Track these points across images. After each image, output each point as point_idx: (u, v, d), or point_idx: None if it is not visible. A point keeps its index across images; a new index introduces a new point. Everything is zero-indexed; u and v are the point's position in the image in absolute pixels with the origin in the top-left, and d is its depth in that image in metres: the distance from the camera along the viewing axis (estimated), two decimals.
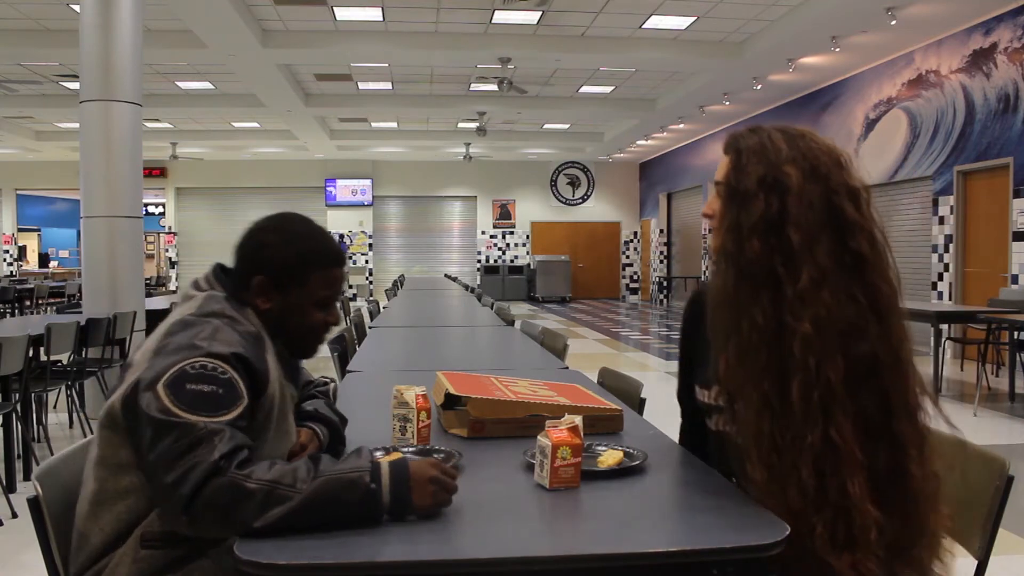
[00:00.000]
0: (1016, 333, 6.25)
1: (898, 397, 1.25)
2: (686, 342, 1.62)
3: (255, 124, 15.14)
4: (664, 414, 2.10)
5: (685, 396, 1.65)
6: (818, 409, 1.21)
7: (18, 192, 19.04)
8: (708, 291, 1.39)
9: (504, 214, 19.86)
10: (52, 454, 1.72)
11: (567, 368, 3.01)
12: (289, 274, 1.47)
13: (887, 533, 1.22)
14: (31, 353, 4.16)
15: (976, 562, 1.46)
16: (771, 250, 1.25)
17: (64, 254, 20.83)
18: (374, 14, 8.95)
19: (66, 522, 1.43)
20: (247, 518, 1.19)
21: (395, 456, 1.56)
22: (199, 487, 1.20)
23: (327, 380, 1.83)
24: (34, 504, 1.37)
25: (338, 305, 1.56)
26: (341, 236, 19.33)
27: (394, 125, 15.75)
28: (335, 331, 3.57)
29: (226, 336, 1.36)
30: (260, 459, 1.30)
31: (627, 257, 20.35)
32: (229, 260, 1.55)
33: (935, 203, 8.81)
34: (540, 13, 8.86)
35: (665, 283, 18.23)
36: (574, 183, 19.93)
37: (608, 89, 12.54)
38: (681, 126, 14.73)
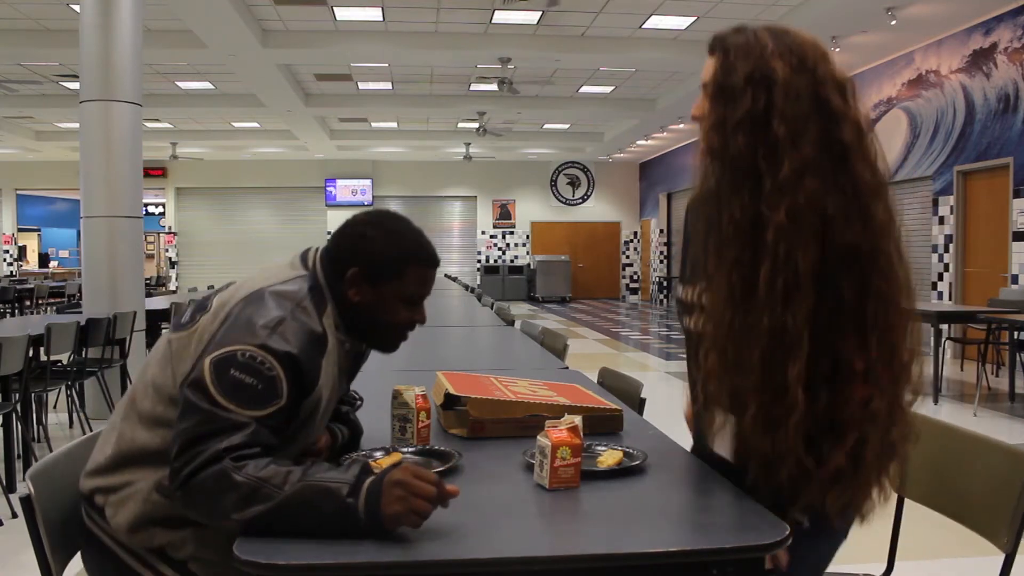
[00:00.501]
0: (1016, 333, 6.25)
1: (877, 284, 1.26)
2: (683, 248, 1.64)
3: (255, 124, 15.14)
4: (664, 414, 2.10)
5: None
6: (780, 295, 1.24)
7: (18, 192, 19.04)
8: (693, 191, 1.44)
9: (504, 214, 19.86)
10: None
11: (567, 368, 3.01)
12: (385, 268, 1.48)
13: (808, 424, 1.25)
14: (31, 353, 4.16)
15: (1004, 556, 1.47)
16: (755, 144, 1.27)
17: (64, 254, 20.83)
18: (374, 14, 8.95)
19: (59, 521, 1.43)
20: (227, 509, 1.22)
21: (395, 458, 1.56)
22: (197, 470, 1.24)
23: (358, 396, 1.83)
24: (27, 503, 1.37)
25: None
26: None
27: (394, 125, 15.75)
28: None
29: (288, 332, 1.36)
30: (290, 453, 1.36)
31: (627, 257, 20.35)
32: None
33: (935, 203, 8.82)
34: (540, 13, 8.86)
35: (665, 283, 18.23)
36: (574, 183, 19.93)
37: (608, 89, 12.54)
38: (681, 126, 14.72)
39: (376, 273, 1.47)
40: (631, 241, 20.24)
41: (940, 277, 8.80)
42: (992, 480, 1.55)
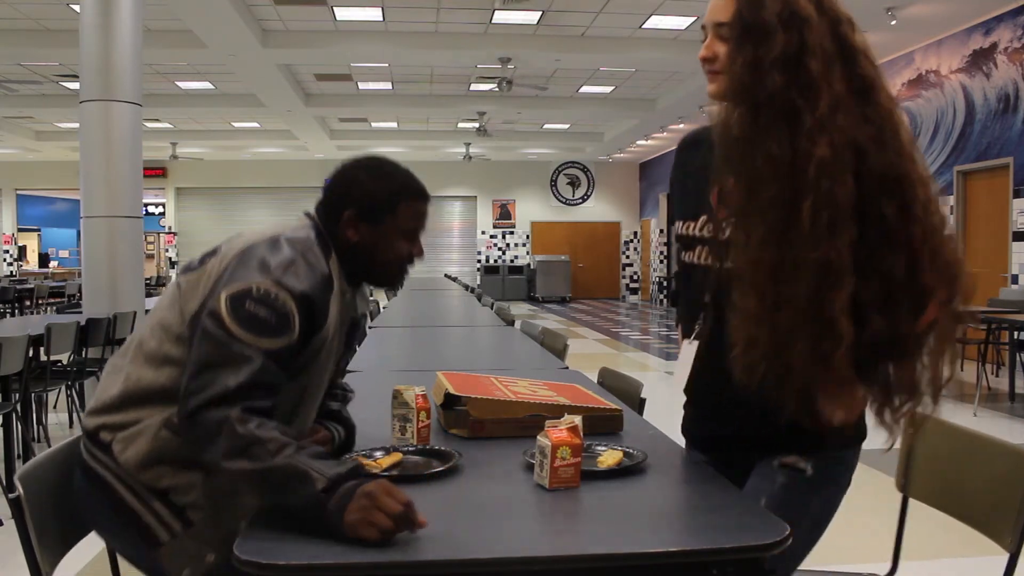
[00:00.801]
0: (1016, 333, 6.25)
1: (916, 211, 1.29)
2: (673, 185, 1.68)
3: (255, 124, 15.15)
4: (664, 414, 2.10)
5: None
6: (824, 229, 1.25)
7: (18, 192, 19.05)
8: (714, 131, 1.44)
9: (504, 214, 19.87)
10: None
11: (567, 368, 3.01)
12: (378, 206, 1.55)
13: (857, 352, 1.27)
14: (31, 353, 4.16)
15: (1008, 556, 1.48)
16: (790, 83, 1.28)
17: (64, 254, 20.82)
18: (374, 14, 8.95)
19: (49, 521, 1.44)
20: (219, 453, 1.27)
21: (395, 457, 1.56)
22: (203, 406, 1.29)
23: (349, 388, 1.84)
24: (16, 504, 1.37)
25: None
26: None
27: (394, 125, 15.76)
28: None
29: (300, 271, 1.42)
30: (298, 389, 1.45)
31: (627, 257, 20.35)
32: None
33: None
34: (540, 13, 8.86)
35: (665, 283, 18.23)
36: (574, 183, 19.93)
37: (608, 89, 12.54)
38: (681, 126, 14.72)
39: (371, 211, 1.54)
40: (631, 241, 20.25)
41: None
42: (996, 480, 1.56)
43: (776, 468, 1.43)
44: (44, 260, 20.02)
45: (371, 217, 1.54)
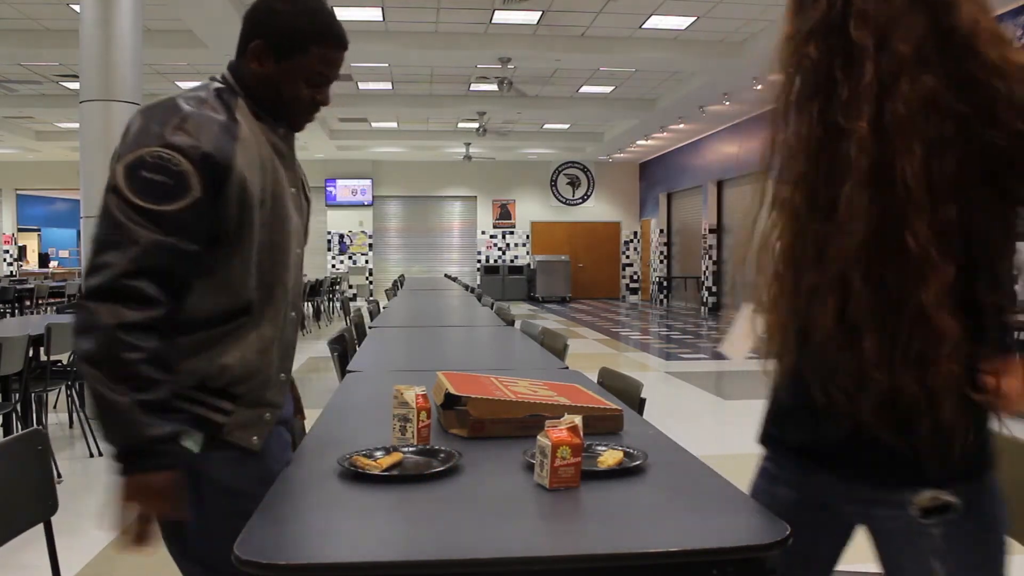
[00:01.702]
0: (1016, 333, 6.26)
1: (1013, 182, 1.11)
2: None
3: None
4: (664, 414, 2.10)
5: None
6: (888, 212, 1.10)
7: (18, 192, 19.05)
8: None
9: (504, 214, 19.87)
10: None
11: (567, 368, 3.01)
12: (289, 42, 1.49)
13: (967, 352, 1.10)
14: (31, 353, 4.16)
15: None
16: (829, 54, 1.16)
17: (64, 254, 20.81)
18: (374, 14, 8.95)
19: None
20: (84, 351, 1.30)
21: (395, 457, 1.56)
22: (91, 295, 1.32)
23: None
24: None
25: (330, 89, 1.59)
26: (341, 236, 19.34)
27: (394, 125, 15.76)
28: (335, 331, 3.57)
29: (190, 126, 1.39)
30: (259, 248, 1.46)
31: (627, 257, 20.35)
32: None
33: None
34: (540, 13, 8.86)
35: (665, 283, 18.23)
36: (574, 183, 19.93)
37: (608, 89, 12.54)
38: (681, 126, 14.73)
39: (280, 47, 1.50)
40: (631, 241, 20.25)
41: None
42: (1017, 478, 1.52)
43: (915, 517, 1.14)
44: (44, 260, 20.02)
45: (278, 52, 1.50)
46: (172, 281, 1.36)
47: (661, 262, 18.49)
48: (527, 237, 19.95)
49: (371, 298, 10.63)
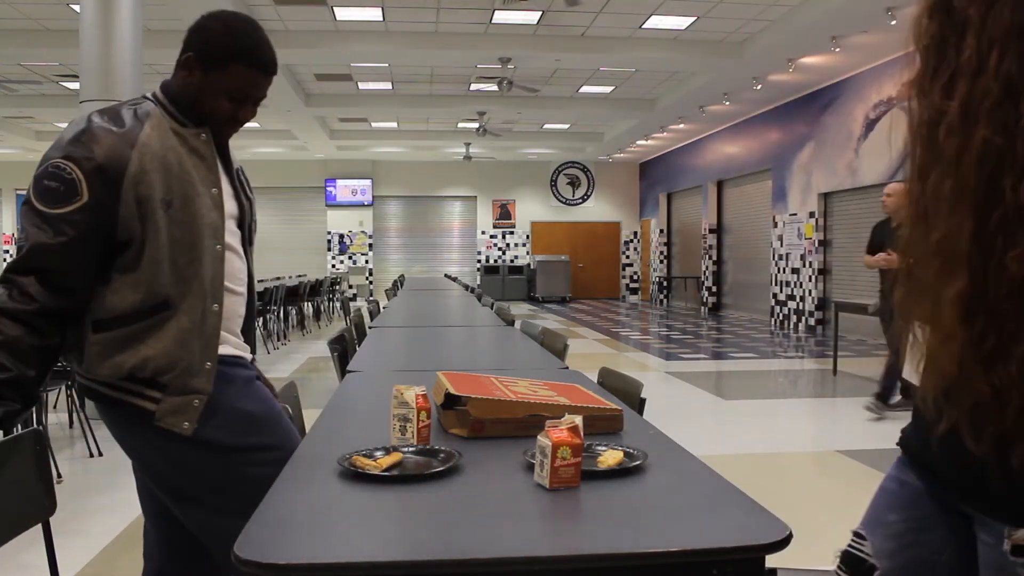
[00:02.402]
0: None
1: None
2: None
3: (255, 124, 15.14)
4: (664, 414, 2.10)
5: None
6: (947, 205, 1.01)
7: (18, 192, 19.06)
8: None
9: (504, 214, 19.87)
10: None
11: (567, 368, 3.01)
12: (214, 58, 1.64)
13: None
14: None
15: None
16: (945, 32, 1.06)
17: None
18: (374, 14, 8.95)
19: None
20: None
21: (395, 457, 1.56)
22: None
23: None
24: None
25: (254, 107, 1.74)
26: (341, 236, 19.34)
27: (394, 125, 15.76)
28: (335, 331, 3.56)
29: (87, 138, 1.56)
30: (170, 240, 1.60)
31: (627, 257, 20.35)
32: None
33: None
34: (540, 13, 8.86)
35: (665, 283, 18.23)
36: (574, 183, 19.94)
37: (608, 89, 12.54)
38: (681, 126, 14.73)
39: (206, 60, 1.65)
40: (631, 241, 20.25)
41: None
42: None
43: (1007, 552, 1.01)
44: None
45: (203, 66, 1.65)
46: (57, 280, 1.53)
47: (661, 262, 18.50)
48: (527, 237, 19.96)
49: (371, 298, 10.64)
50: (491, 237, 19.89)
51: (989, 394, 0.94)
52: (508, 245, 19.95)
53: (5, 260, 18.68)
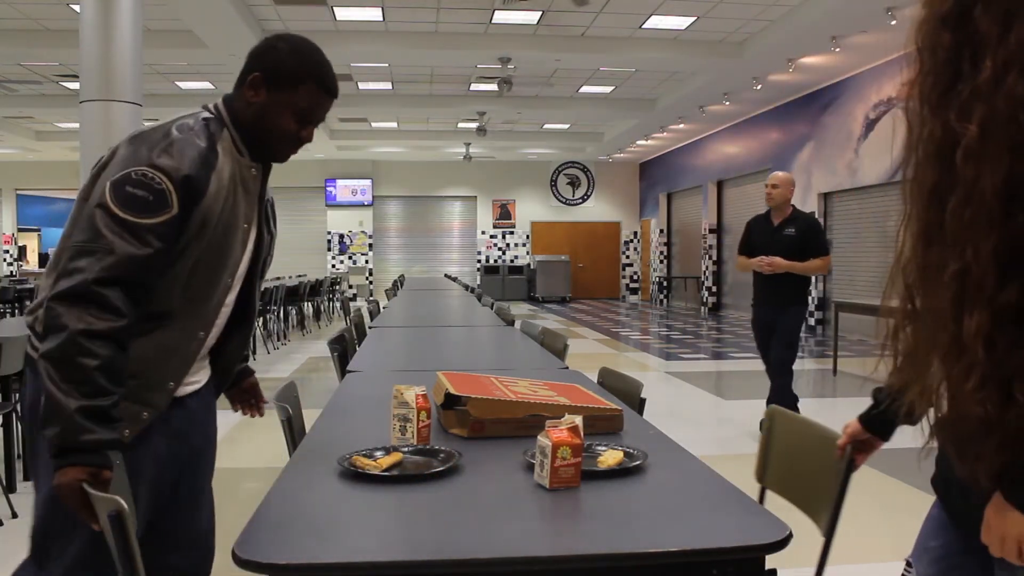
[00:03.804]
0: None
1: None
2: None
3: None
4: (664, 414, 2.10)
5: None
6: (967, 230, 0.97)
7: (18, 192, 19.05)
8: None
9: (504, 214, 19.87)
10: None
11: (567, 368, 3.01)
12: (283, 77, 1.62)
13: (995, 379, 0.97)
14: None
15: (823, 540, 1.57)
16: (959, 43, 1.02)
17: None
18: (374, 14, 8.95)
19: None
20: (50, 347, 1.37)
21: (395, 457, 1.56)
22: (61, 296, 1.39)
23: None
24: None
25: (315, 130, 1.71)
26: (341, 236, 19.33)
27: (394, 125, 15.76)
28: (335, 331, 3.56)
29: (174, 150, 1.52)
30: (192, 261, 1.56)
31: (627, 257, 20.35)
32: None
33: None
34: (540, 13, 8.86)
35: (665, 283, 18.23)
36: (574, 183, 19.93)
37: (608, 89, 12.54)
38: (681, 126, 14.73)
39: (274, 79, 1.62)
40: (631, 241, 20.25)
41: None
42: (818, 467, 1.66)
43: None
44: (44, 260, 20.01)
45: (272, 84, 1.62)
46: (138, 293, 1.46)
47: (661, 262, 18.49)
48: (527, 237, 19.95)
49: (371, 298, 10.63)
50: (491, 237, 19.89)
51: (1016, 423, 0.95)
52: (508, 245, 19.95)
53: (5, 260, 18.67)
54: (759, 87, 11.13)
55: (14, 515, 3.41)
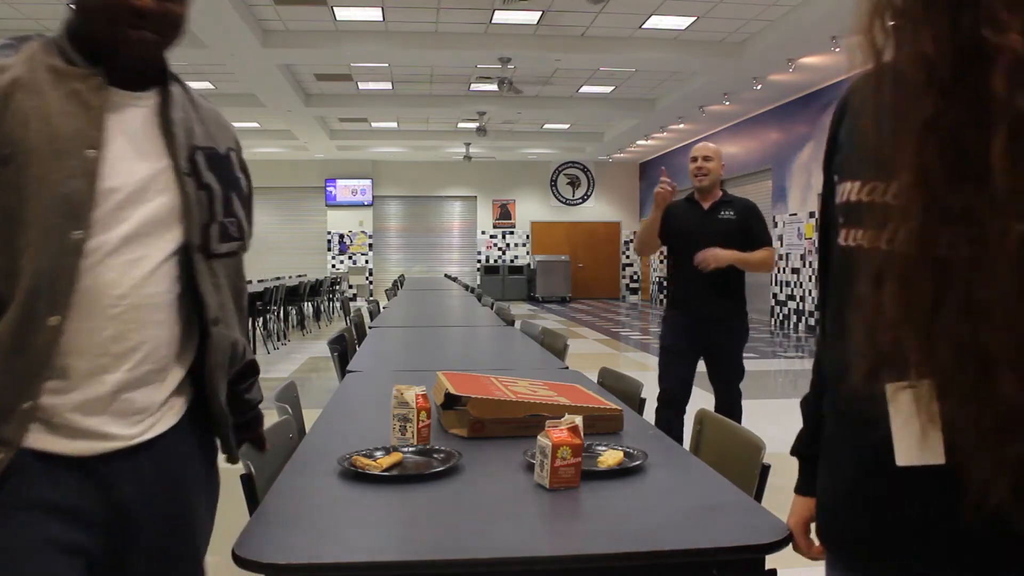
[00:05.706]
0: None
1: None
2: (829, 145, 1.09)
3: (255, 124, 15.14)
4: None
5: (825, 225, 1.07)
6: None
7: None
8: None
9: (504, 214, 19.87)
10: None
11: (567, 368, 3.01)
12: None
13: None
14: None
15: None
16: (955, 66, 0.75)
17: None
18: (374, 14, 8.95)
19: None
20: None
21: (395, 457, 1.56)
22: None
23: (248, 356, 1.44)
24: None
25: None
26: (341, 236, 19.34)
27: (394, 125, 15.76)
28: (335, 331, 3.55)
29: None
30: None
31: (627, 257, 20.35)
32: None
33: None
34: (540, 13, 8.86)
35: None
36: (574, 183, 19.94)
37: (608, 89, 12.54)
38: (681, 126, 14.73)
39: None
40: (631, 241, 20.25)
41: None
42: (738, 469, 1.66)
43: None
44: None
45: None
46: None
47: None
48: (527, 237, 19.95)
49: (371, 298, 10.64)
50: (491, 237, 19.89)
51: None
52: (508, 245, 19.95)
53: None
54: (759, 87, 11.13)
55: None
